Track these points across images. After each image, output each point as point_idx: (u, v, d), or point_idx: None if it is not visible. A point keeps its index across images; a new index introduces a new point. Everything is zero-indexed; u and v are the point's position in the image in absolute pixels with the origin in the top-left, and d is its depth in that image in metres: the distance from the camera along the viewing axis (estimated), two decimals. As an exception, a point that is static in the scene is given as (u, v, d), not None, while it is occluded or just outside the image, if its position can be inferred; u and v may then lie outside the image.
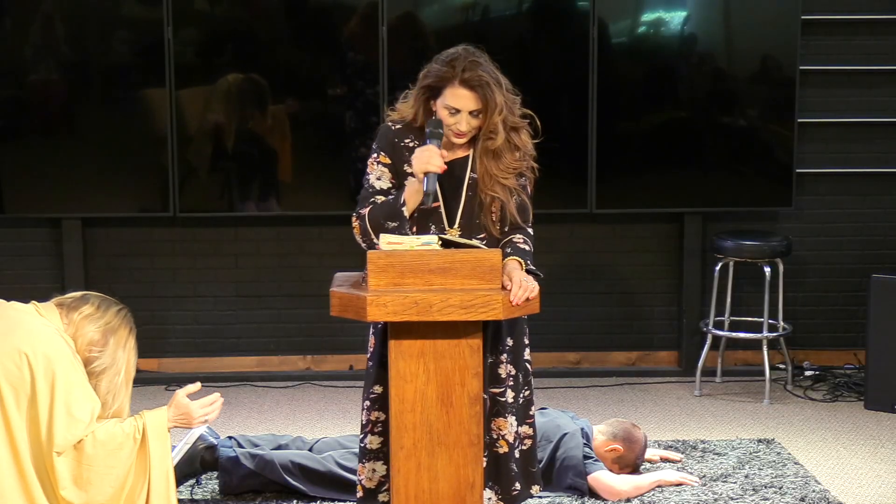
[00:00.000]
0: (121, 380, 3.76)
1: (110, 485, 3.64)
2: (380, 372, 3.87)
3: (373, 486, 3.93)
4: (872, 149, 6.55)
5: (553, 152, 6.18)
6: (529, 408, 3.98)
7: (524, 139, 3.85)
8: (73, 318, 3.76)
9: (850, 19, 6.45)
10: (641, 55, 6.34)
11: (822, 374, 6.49)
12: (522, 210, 3.87)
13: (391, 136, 3.88)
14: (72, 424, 3.60)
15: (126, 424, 3.68)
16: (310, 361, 6.58)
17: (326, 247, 6.46)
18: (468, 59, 3.74)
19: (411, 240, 3.65)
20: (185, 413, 3.79)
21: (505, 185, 3.81)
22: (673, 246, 6.59)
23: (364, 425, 3.94)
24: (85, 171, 6.21)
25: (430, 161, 3.69)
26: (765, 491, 4.89)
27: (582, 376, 6.54)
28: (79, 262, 6.33)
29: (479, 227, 3.83)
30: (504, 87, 3.77)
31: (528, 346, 4.00)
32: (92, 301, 3.82)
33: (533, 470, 4.00)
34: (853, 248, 6.62)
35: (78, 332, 3.74)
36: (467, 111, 3.74)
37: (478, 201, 3.82)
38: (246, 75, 6.19)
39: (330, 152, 6.31)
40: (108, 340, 3.76)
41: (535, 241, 3.90)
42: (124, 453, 3.65)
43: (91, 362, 3.73)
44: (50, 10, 6.08)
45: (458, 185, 3.84)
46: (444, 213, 3.82)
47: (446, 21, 6.23)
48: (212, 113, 6.20)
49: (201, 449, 4.79)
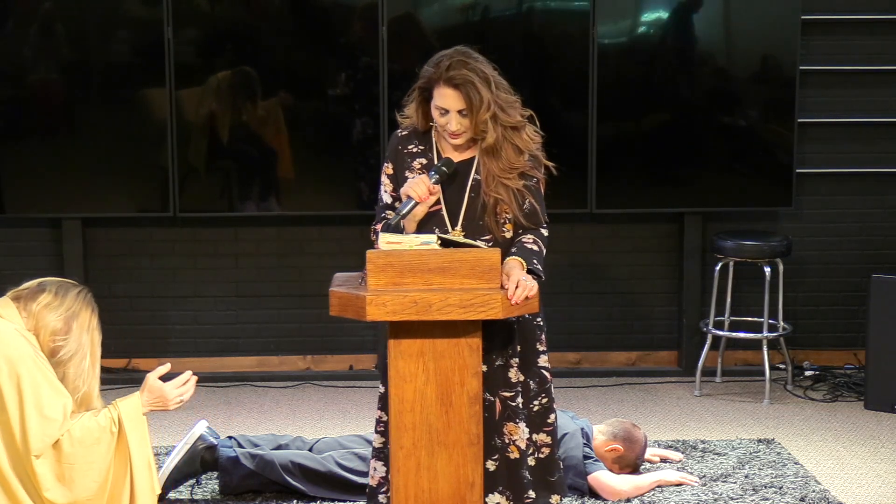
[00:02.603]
0: (87, 363, 3.71)
1: (93, 479, 3.61)
2: (382, 370, 3.89)
3: (375, 485, 3.95)
4: (872, 149, 6.55)
5: (553, 153, 6.19)
6: (548, 416, 3.92)
7: (526, 139, 3.83)
8: (31, 309, 3.69)
9: (850, 19, 6.45)
10: (641, 55, 6.34)
11: (822, 374, 6.49)
12: (531, 214, 3.84)
13: (396, 142, 3.91)
14: (45, 425, 3.56)
15: (101, 417, 3.64)
16: (310, 361, 6.58)
17: (326, 247, 6.46)
18: (454, 59, 3.74)
19: (410, 239, 3.65)
20: (160, 396, 3.75)
21: (508, 186, 3.79)
22: (673, 246, 6.59)
23: (376, 423, 3.96)
24: (85, 171, 6.21)
25: (415, 187, 3.72)
26: (765, 491, 4.89)
27: (582, 376, 6.53)
28: (79, 262, 6.33)
29: (482, 229, 3.81)
30: (495, 85, 3.75)
31: (546, 354, 3.93)
32: (49, 289, 3.74)
33: (552, 479, 3.94)
34: (853, 248, 6.62)
35: (39, 324, 3.68)
36: (455, 110, 3.74)
37: (481, 203, 3.81)
38: (246, 75, 6.19)
39: (330, 152, 6.31)
40: (72, 326, 3.71)
41: (548, 241, 3.87)
42: (103, 447, 3.62)
43: (57, 352, 3.68)
44: (50, 10, 6.08)
45: (461, 187, 3.83)
46: (446, 215, 3.82)
47: (446, 21, 6.23)
48: (212, 113, 6.20)
49: (201, 449, 4.79)
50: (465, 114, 3.74)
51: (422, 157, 3.87)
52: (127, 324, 6.37)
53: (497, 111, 3.75)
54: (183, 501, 4.77)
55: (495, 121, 3.75)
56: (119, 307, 6.32)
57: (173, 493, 4.79)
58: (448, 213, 3.82)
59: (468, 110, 3.73)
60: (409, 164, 3.85)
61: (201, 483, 4.85)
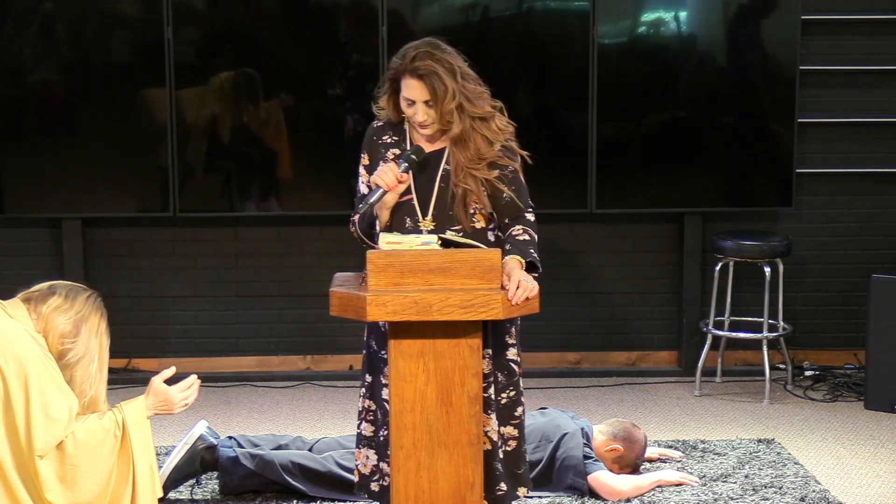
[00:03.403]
0: (95, 367, 3.71)
1: (95, 482, 3.61)
2: (368, 361, 3.96)
3: (367, 473, 3.99)
4: (872, 149, 6.55)
5: (553, 153, 6.19)
6: (515, 409, 3.95)
7: (495, 129, 3.84)
8: (41, 311, 3.70)
9: (850, 19, 6.45)
10: (641, 55, 6.34)
11: (822, 374, 6.49)
12: (510, 204, 3.84)
13: (371, 133, 3.98)
14: (50, 426, 3.56)
15: (105, 420, 3.64)
16: (310, 361, 6.58)
17: (326, 247, 6.46)
18: (421, 50, 3.78)
19: (411, 239, 3.65)
20: (165, 399, 3.74)
21: (476, 177, 3.81)
22: (673, 246, 6.59)
23: (360, 412, 4.01)
24: (85, 171, 6.21)
25: (383, 176, 3.76)
26: (765, 491, 4.89)
27: (582, 376, 6.54)
28: (79, 262, 6.33)
29: (452, 219, 3.84)
30: (461, 76, 3.78)
31: (516, 347, 3.96)
32: (59, 292, 3.75)
33: (519, 472, 3.98)
34: (853, 248, 6.62)
35: (48, 326, 3.69)
36: (421, 101, 3.77)
37: (451, 193, 3.84)
38: (246, 75, 6.19)
39: (330, 152, 6.31)
40: (80, 330, 3.71)
41: (536, 224, 3.88)
42: (106, 450, 3.62)
43: (65, 355, 3.68)
44: (50, 10, 6.08)
45: (432, 177, 3.86)
46: (417, 205, 3.85)
47: (446, 21, 6.23)
48: (212, 113, 6.21)
49: (201, 449, 4.79)
50: (431, 104, 3.78)
51: (395, 148, 3.92)
52: (127, 324, 6.36)
53: (463, 101, 3.77)
54: (183, 501, 4.77)
55: (461, 111, 3.78)
56: (119, 307, 6.32)
57: (173, 493, 4.79)
58: (419, 202, 3.85)
59: (433, 100, 3.76)
60: (384, 155, 3.90)
61: (201, 483, 4.85)
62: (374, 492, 3.98)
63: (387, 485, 3.89)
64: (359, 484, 4.03)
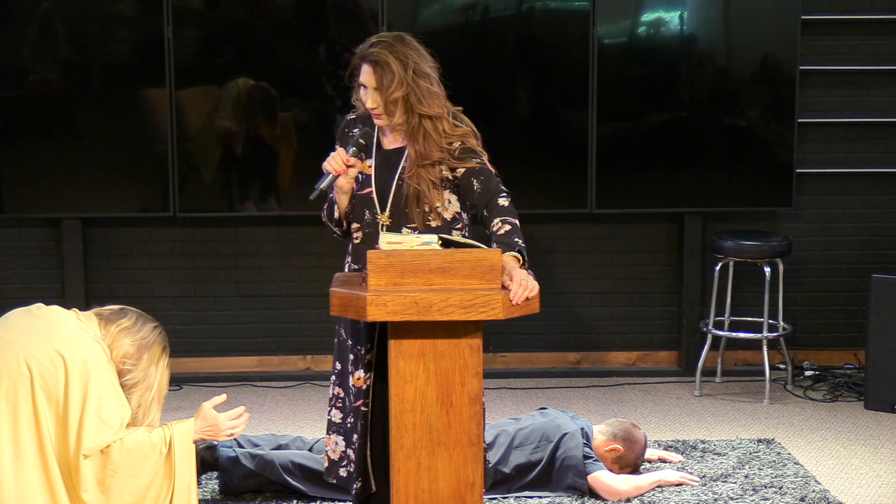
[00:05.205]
0: (152, 396, 3.80)
1: (130, 493, 3.66)
2: (338, 349, 4.04)
3: (336, 459, 4.04)
4: (872, 149, 6.55)
5: (553, 152, 6.18)
6: None
7: (441, 130, 3.86)
8: (110, 329, 3.80)
9: (850, 19, 6.45)
10: (641, 55, 6.34)
11: (822, 374, 6.49)
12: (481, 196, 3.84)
13: (344, 125, 4.07)
14: (101, 429, 3.63)
15: (154, 435, 3.71)
16: (310, 361, 6.58)
17: (326, 247, 6.45)
18: (382, 40, 3.86)
19: (411, 239, 3.66)
20: (213, 425, 3.83)
21: (424, 178, 3.85)
22: (673, 246, 6.59)
23: (330, 398, 4.07)
24: (85, 171, 6.21)
25: (331, 161, 3.87)
26: (765, 491, 4.89)
27: (582, 376, 6.53)
28: (79, 262, 6.33)
29: (407, 217, 3.89)
30: (413, 71, 3.82)
31: None
32: (129, 315, 3.86)
33: None
34: (853, 248, 6.62)
35: (114, 344, 3.78)
36: (372, 87, 3.84)
37: (404, 192, 3.88)
38: (247, 76, 6.19)
39: (330, 152, 6.29)
40: (142, 355, 3.79)
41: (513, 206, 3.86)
42: (149, 463, 3.68)
43: (123, 375, 3.76)
44: (50, 10, 6.08)
45: (391, 173, 3.92)
46: (376, 199, 3.92)
47: (446, 21, 6.23)
48: (212, 113, 6.20)
49: (201, 449, 4.79)
50: (378, 91, 3.84)
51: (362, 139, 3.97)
52: (127, 324, 6.36)
53: (410, 95, 3.82)
54: (183, 501, 4.78)
55: (407, 104, 3.83)
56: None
57: (173, 493, 4.79)
58: (378, 197, 3.92)
59: (379, 88, 3.82)
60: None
61: (201, 483, 4.85)
62: (342, 477, 4.04)
63: (353, 471, 3.97)
64: (327, 470, 4.10)
